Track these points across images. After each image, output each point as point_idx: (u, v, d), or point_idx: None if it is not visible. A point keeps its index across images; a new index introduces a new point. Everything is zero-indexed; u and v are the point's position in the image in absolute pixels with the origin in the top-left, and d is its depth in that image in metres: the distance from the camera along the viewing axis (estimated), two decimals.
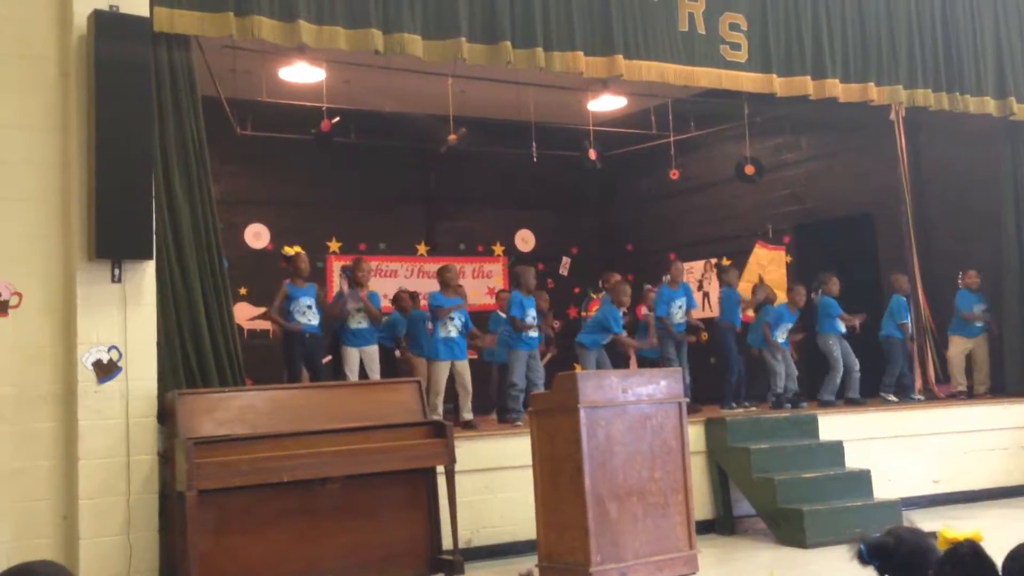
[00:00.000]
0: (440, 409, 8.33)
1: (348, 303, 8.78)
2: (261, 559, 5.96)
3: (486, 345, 10.24)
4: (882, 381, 9.99)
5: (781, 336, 9.90)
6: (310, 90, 10.51)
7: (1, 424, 5.92)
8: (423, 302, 10.42)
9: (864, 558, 2.66)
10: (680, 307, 9.81)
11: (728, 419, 8.09)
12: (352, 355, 8.74)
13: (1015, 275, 10.19)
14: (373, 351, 8.83)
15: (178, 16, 6.36)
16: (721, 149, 12.91)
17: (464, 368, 8.57)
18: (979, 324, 10.25)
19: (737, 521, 7.91)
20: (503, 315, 9.89)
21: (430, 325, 8.91)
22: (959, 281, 10.40)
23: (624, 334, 9.42)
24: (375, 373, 8.77)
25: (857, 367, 9.83)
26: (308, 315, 8.57)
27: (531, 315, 8.79)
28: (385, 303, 10.68)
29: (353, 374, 8.69)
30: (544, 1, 7.56)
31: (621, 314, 9.28)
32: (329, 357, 9.36)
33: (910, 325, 10.01)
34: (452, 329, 8.55)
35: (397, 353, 10.11)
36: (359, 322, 8.78)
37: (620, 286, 9.35)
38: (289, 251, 8.95)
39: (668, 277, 10.10)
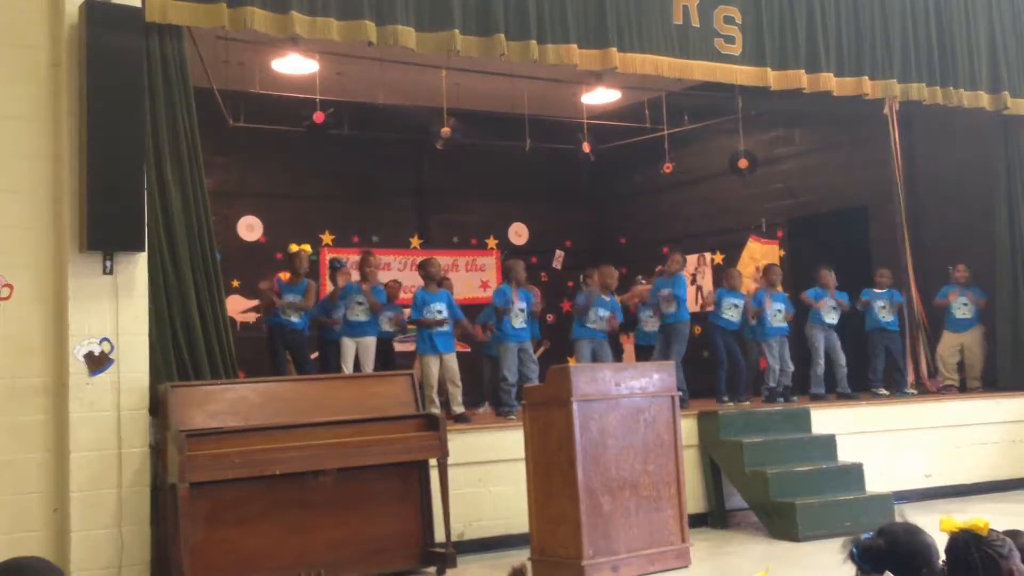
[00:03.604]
0: (437, 403, 8.32)
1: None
2: (253, 552, 5.95)
3: (478, 338, 10.21)
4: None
5: (775, 319, 9.87)
6: (303, 82, 10.48)
7: None
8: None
9: (856, 562, 2.64)
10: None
11: (720, 413, 8.09)
12: (348, 346, 8.77)
13: (1008, 269, 10.19)
14: (370, 343, 8.84)
15: (171, 6, 6.31)
16: (715, 143, 12.89)
17: (452, 361, 8.55)
18: (959, 315, 10.24)
19: (729, 514, 7.92)
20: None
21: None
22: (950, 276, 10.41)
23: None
24: (369, 365, 8.77)
25: (843, 361, 9.83)
26: (289, 312, 8.67)
27: (518, 307, 8.78)
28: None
29: (348, 366, 8.70)
30: None
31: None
32: (316, 354, 9.36)
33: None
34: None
35: None
36: (357, 315, 8.80)
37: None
38: (294, 248, 8.99)
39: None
